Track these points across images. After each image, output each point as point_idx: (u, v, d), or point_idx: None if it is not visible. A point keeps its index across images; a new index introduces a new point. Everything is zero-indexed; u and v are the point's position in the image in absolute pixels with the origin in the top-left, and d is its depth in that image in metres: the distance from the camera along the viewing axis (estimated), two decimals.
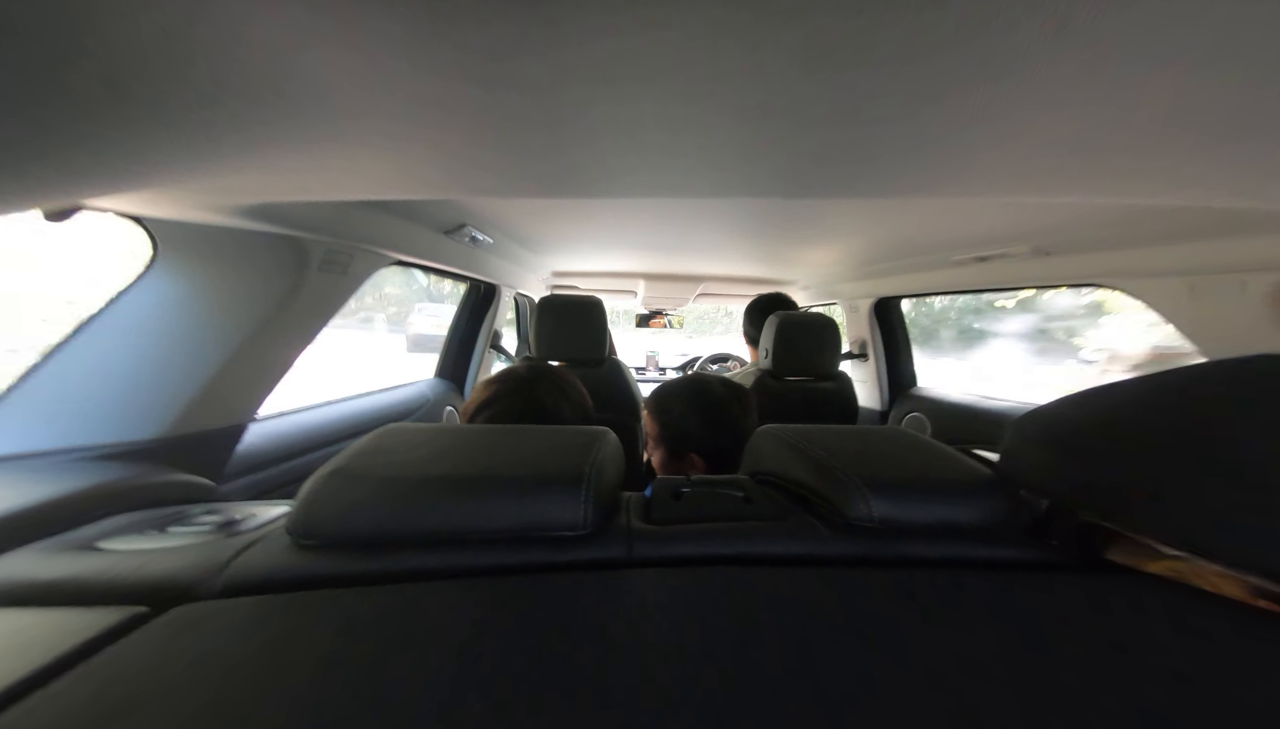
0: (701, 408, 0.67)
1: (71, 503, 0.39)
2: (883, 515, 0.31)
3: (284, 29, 0.20)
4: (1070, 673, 0.20)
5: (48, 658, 0.21)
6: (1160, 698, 0.18)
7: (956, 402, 1.32)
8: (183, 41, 0.20)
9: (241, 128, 0.28)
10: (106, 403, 0.53)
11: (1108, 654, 0.21)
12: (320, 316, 0.72)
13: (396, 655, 0.20)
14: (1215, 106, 0.27)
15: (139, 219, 0.52)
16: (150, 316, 0.56)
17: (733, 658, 0.20)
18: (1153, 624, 0.23)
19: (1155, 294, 0.81)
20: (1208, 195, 0.41)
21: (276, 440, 0.73)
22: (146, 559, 0.29)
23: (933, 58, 0.23)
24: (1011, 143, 0.33)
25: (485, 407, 0.54)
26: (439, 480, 0.31)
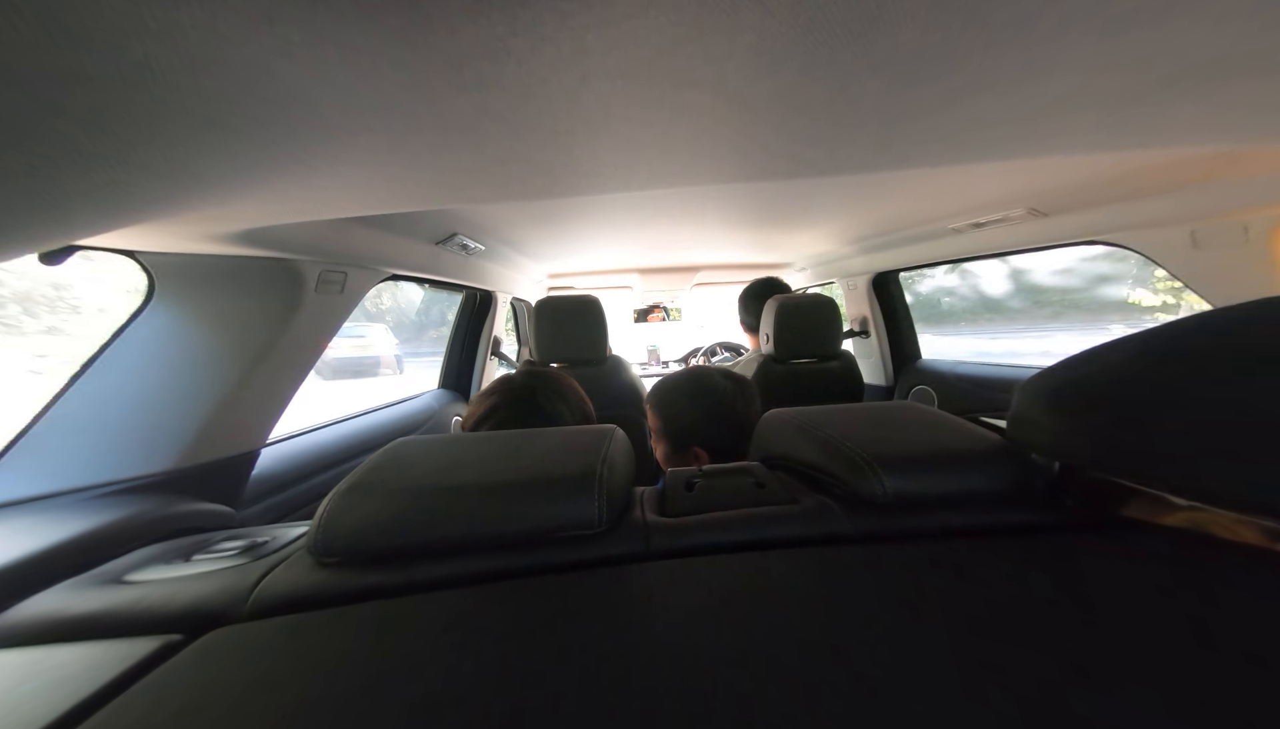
0: (704, 401, 0.66)
1: (97, 538, 0.40)
2: (896, 490, 0.31)
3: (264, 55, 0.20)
4: (1092, 630, 0.20)
5: (89, 690, 0.22)
6: (1185, 649, 0.19)
7: (961, 372, 1.32)
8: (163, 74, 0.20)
9: (231, 155, 0.28)
10: (120, 438, 0.53)
11: (1129, 609, 0.21)
12: (322, 337, 0.73)
13: (428, 664, 0.21)
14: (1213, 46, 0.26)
15: (133, 254, 0.52)
16: (154, 350, 0.56)
17: (757, 642, 0.21)
18: (1171, 576, 0.23)
19: (1157, 246, 0.80)
20: (1207, 137, 0.40)
21: (290, 462, 0.74)
22: (176, 588, 0.30)
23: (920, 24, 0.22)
24: (1005, 103, 0.32)
25: (487, 417, 0.55)
26: (453, 489, 0.31)
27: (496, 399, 0.56)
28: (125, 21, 0.16)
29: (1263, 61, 0.27)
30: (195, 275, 0.57)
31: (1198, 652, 0.18)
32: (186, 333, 0.58)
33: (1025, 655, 0.19)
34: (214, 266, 0.57)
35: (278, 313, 0.63)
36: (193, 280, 0.57)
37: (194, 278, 0.57)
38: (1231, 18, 0.24)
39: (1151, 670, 0.18)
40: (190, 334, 0.58)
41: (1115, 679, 0.17)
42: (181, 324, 0.58)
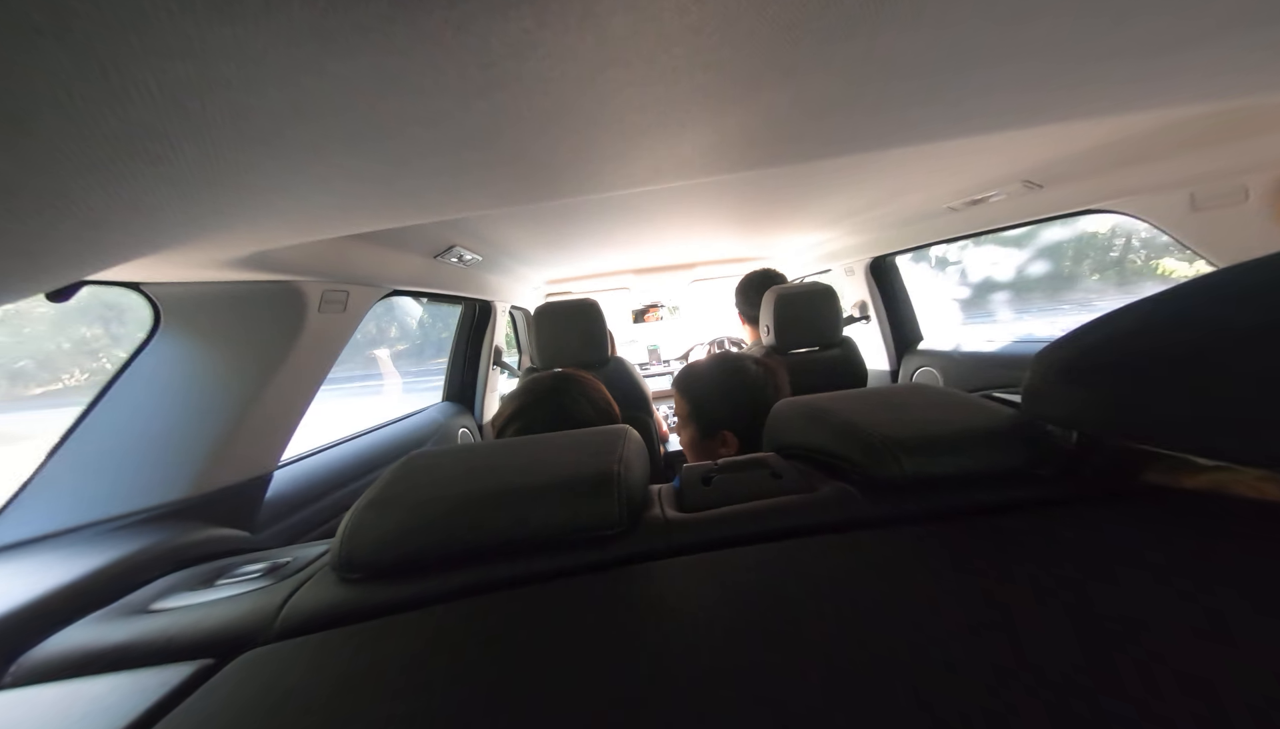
0: (735, 387, 0.66)
1: (117, 570, 0.40)
2: (914, 471, 0.31)
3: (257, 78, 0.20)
4: (1120, 601, 0.20)
5: (127, 719, 0.22)
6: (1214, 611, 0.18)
7: (966, 351, 1.32)
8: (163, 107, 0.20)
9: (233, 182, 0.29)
10: (133, 470, 0.54)
11: (1155, 578, 0.21)
12: (327, 356, 0.73)
13: (459, 672, 0.21)
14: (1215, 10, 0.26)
15: (138, 286, 0.53)
16: (162, 380, 0.57)
17: (784, 629, 0.21)
18: (1197, 541, 0.23)
19: (1156, 210, 0.79)
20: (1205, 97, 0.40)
21: (303, 483, 0.74)
22: (203, 614, 0.30)
23: None
24: (998, 71, 0.32)
25: (515, 418, 0.55)
26: (472, 498, 0.31)
27: (524, 400, 0.57)
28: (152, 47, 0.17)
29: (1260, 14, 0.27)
30: (200, 303, 0.57)
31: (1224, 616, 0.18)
32: (194, 361, 0.58)
33: (1055, 631, 0.19)
34: (218, 293, 0.57)
35: (283, 335, 0.64)
36: (198, 308, 0.58)
37: (199, 306, 0.57)
38: None
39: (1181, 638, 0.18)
40: (198, 362, 0.58)
41: (1146, 650, 0.17)
42: (189, 353, 0.58)
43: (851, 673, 0.18)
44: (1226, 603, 0.19)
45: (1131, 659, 0.17)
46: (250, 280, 0.57)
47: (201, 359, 0.59)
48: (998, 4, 0.24)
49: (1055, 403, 0.32)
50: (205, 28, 0.16)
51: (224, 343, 0.60)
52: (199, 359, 0.58)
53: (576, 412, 0.57)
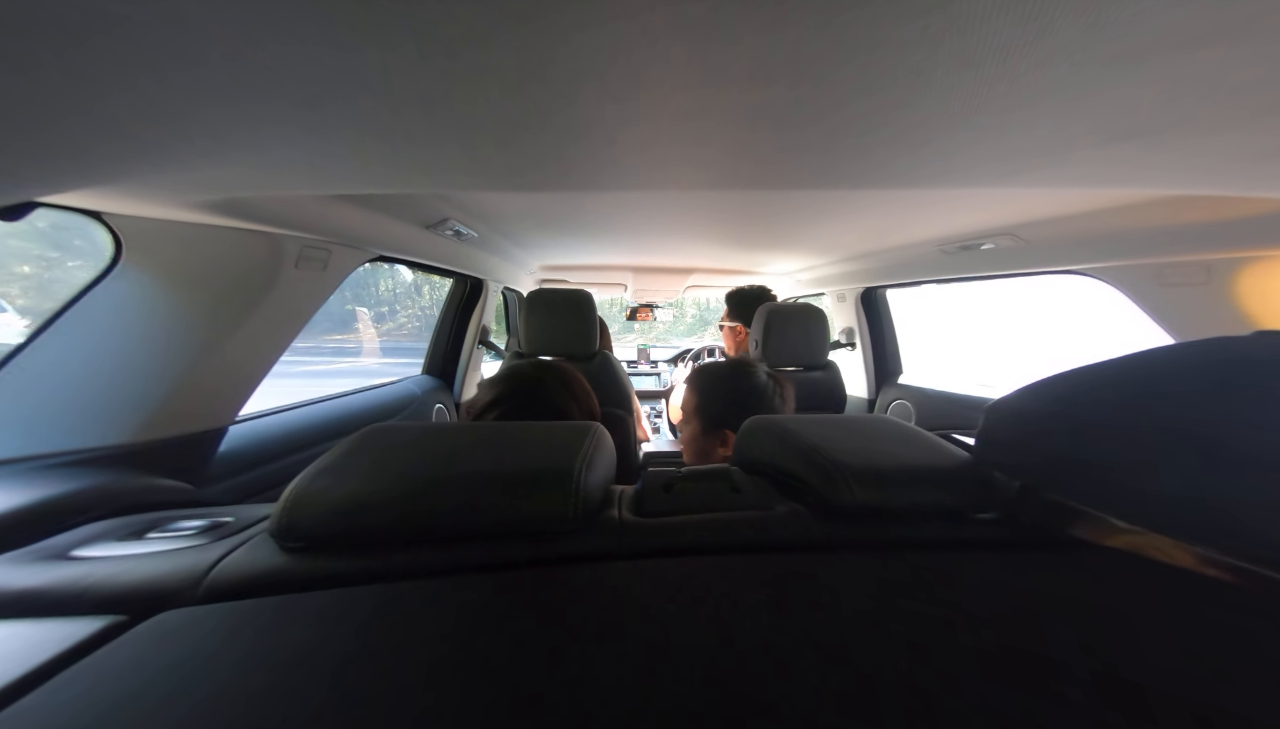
0: (744, 389, 0.71)
1: (41, 511, 0.38)
2: (865, 501, 0.32)
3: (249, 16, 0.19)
4: (1039, 643, 0.21)
5: (23, 670, 0.20)
6: (1120, 662, 0.20)
7: (939, 390, 1.36)
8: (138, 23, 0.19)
9: (210, 118, 0.27)
10: (74, 407, 0.51)
11: (1070, 625, 0.22)
12: (300, 315, 0.70)
13: (385, 654, 0.20)
14: (1173, 108, 0.27)
15: (99, 215, 0.50)
16: (117, 317, 0.54)
17: (720, 644, 0.21)
18: (1112, 595, 0.24)
19: (1127, 281, 0.84)
20: (1171, 182, 0.42)
21: (259, 442, 0.71)
22: (124, 566, 0.29)
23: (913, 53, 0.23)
24: (995, 136, 0.34)
25: (494, 406, 0.54)
26: (425, 479, 0.31)
27: (504, 388, 0.55)
28: None
29: (1219, 120, 0.29)
30: (166, 242, 0.54)
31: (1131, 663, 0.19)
32: (154, 301, 0.55)
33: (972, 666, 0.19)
34: (187, 234, 0.55)
35: (254, 287, 0.61)
36: (163, 247, 0.55)
37: (165, 244, 0.54)
38: (1184, 86, 0.25)
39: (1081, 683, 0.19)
40: (158, 303, 0.55)
41: (1052, 692, 0.18)
42: (149, 292, 0.55)
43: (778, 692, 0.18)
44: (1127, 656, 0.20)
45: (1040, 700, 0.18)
46: (224, 226, 0.54)
47: (161, 299, 0.56)
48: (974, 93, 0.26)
49: (1001, 452, 0.33)
50: None
51: (188, 285, 0.57)
52: (159, 299, 0.55)
53: (558, 404, 0.56)
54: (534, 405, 0.55)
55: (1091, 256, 0.86)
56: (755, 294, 1.34)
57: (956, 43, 0.22)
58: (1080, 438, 0.28)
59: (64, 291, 0.52)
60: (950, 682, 0.19)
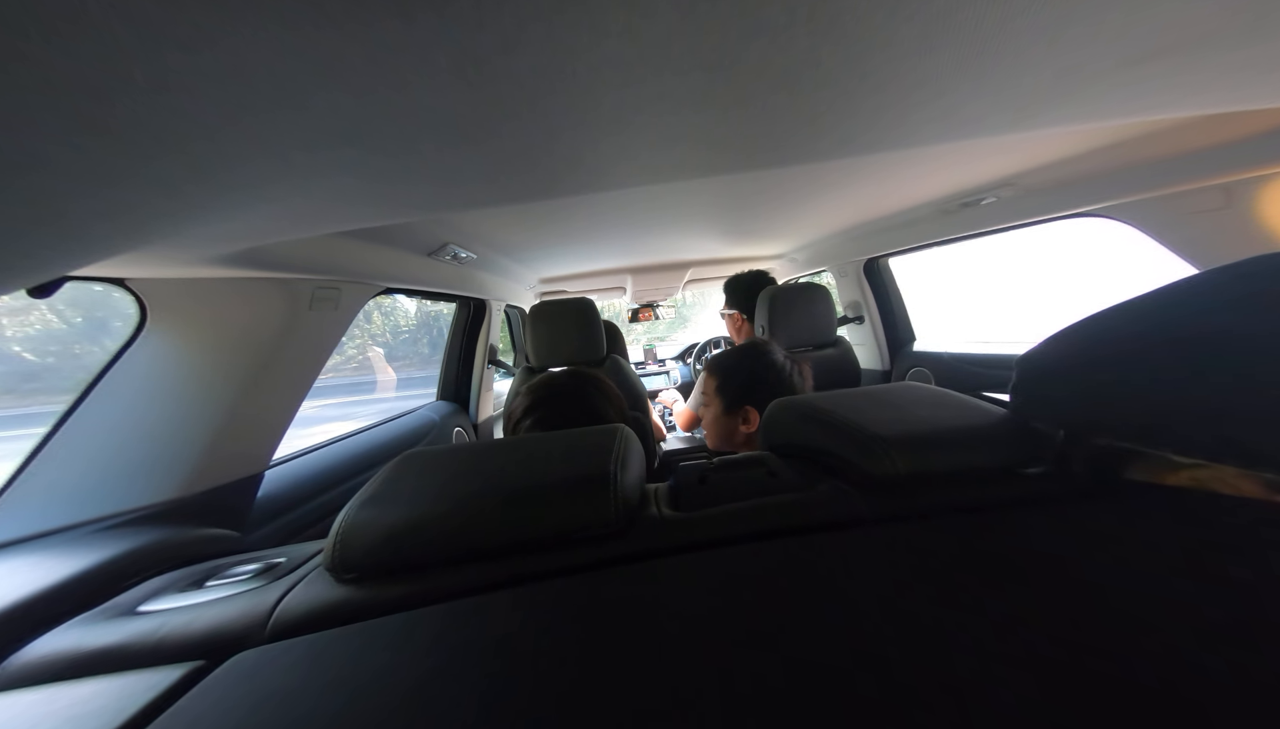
0: (763, 368, 0.73)
1: (103, 572, 0.39)
2: (908, 469, 0.31)
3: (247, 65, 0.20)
4: (1107, 595, 0.20)
5: (117, 722, 0.21)
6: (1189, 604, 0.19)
7: (957, 353, 1.33)
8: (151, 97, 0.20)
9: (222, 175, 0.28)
10: (119, 470, 0.53)
11: (1137, 572, 0.21)
12: (319, 355, 0.72)
13: (453, 673, 0.21)
14: (1204, 13, 0.26)
15: (123, 282, 0.52)
16: (149, 378, 0.56)
17: (779, 628, 0.21)
18: (1178, 535, 0.23)
19: (1142, 216, 0.81)
20: (1183, 105, 0.41)
21: (296, 483, 0.73)
22: (193, 615, 0.30)
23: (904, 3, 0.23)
24: (995, 78, 0.33)
25: (531, 411, 0.56)
26: (468, 497, 0.31)
27: (544, 393, 0.57)
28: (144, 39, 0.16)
29: (1234, 32, 0.28)
30: (187, 299, 0.56)
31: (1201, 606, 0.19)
32: (182, 358, 0.57)
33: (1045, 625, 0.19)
34: (206, 289, 0.56)
35: (273, 333, 0.63)
36: (185, 305, 0.56)
37: (186, 302, 0.56)
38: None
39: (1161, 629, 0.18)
40: (185, 359, 0.57)
41: (1129, 642, 0.18)
42: (176, 350, 0.57)
43: (847, 671, 0.18)
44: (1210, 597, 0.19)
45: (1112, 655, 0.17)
46: (239, 277, 0.56)
47: (189, 356, 0.57)
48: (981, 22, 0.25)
49: (1040, 403, 0.32)
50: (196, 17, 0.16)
51: (212, 340, 0.58)
52: (187, 356, 0.57)
53: (596, 409, 0.58)
54: (575, 411, 0.57)
55: (1099, 196, 0.83)
56: (751, 279, 1.33)
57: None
58: (1124, 374, 0.27)
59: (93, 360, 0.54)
60: (1018, 643, 0.18)
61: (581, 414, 0.56)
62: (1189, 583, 0.20)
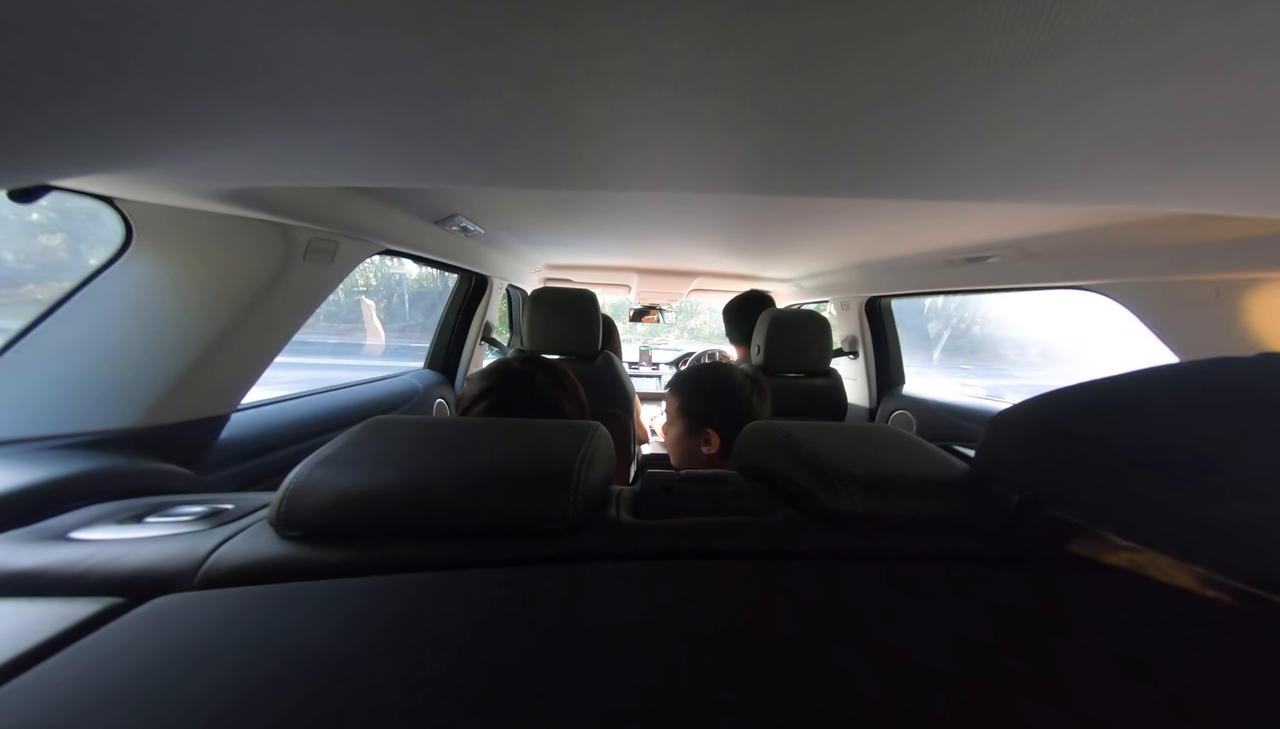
0: (723, 391, 0.74)
1: (41, 492, 0.38)
2: (865, 510, 0.32)
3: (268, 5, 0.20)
4: (1032, 662, 0.21)
5: (20, 649, 0.21)
6: (1114, 684, 0.19)
7: (940, 401, 1.35)
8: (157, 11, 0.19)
9: (225, 108, 0.27)
10: (77, 390, 0.51)
11: (1066, 643, 0.22)
12: (306, 305, 0.71)
13: (377, 647, 0.20)
14: (1190, 126, 0.27)
15: (111, 201, 0.50)
16: (125, 302, 0.54)
17: (714, 649, 0.21)
18: (1109, 614, 0.24)
19: (1135, 298, 0.83)
20: (1178, 202, 0.42)
21: (261, 431, 0.71)
22: (123, 550, 0.29)
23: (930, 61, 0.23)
24: (1008, 150, 0.34)
25: (482, 398, 0.54)
26: (427, 472, 0.31)
27: (494, 380, 0.55)
28: None
29: (1244, 139, 0.29)
30: (176, 229, 0.55)
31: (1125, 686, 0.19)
32: (162, 288, 0.56)
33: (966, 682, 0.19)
34: (197, 222, 0.55)
35: (262, 276, 0.62)
36: (173, 233, 0.55)
37: (175, 232, 0.55)
38: (1208, 104, 0.25)
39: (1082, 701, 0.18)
40: (166, 290, 0.56)
41: (1048, 710, 0.18)
42: (157, 278, 0.55)
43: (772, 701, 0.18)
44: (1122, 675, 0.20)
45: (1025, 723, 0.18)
46: (235, 215, 0.55)
47: (170, 287, 0.56)
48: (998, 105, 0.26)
49: (1002, 464, 0.33)
50: None
51: (197, 274, 0.57)
52: (167, 286, 0.56)
53: (550, 400, 0.57)
54: (524, 398, 0.55)
55: (1099, 273, 0.85)
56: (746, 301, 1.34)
57: (981, 47, 0.22)
58: (1080, 452, 0.28)
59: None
60: (942, 696, 0.19)
61: (533, 403, 0.55)
62: (1110, 664, 0.20)
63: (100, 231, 0.53)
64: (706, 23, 0.21)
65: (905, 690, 0.19)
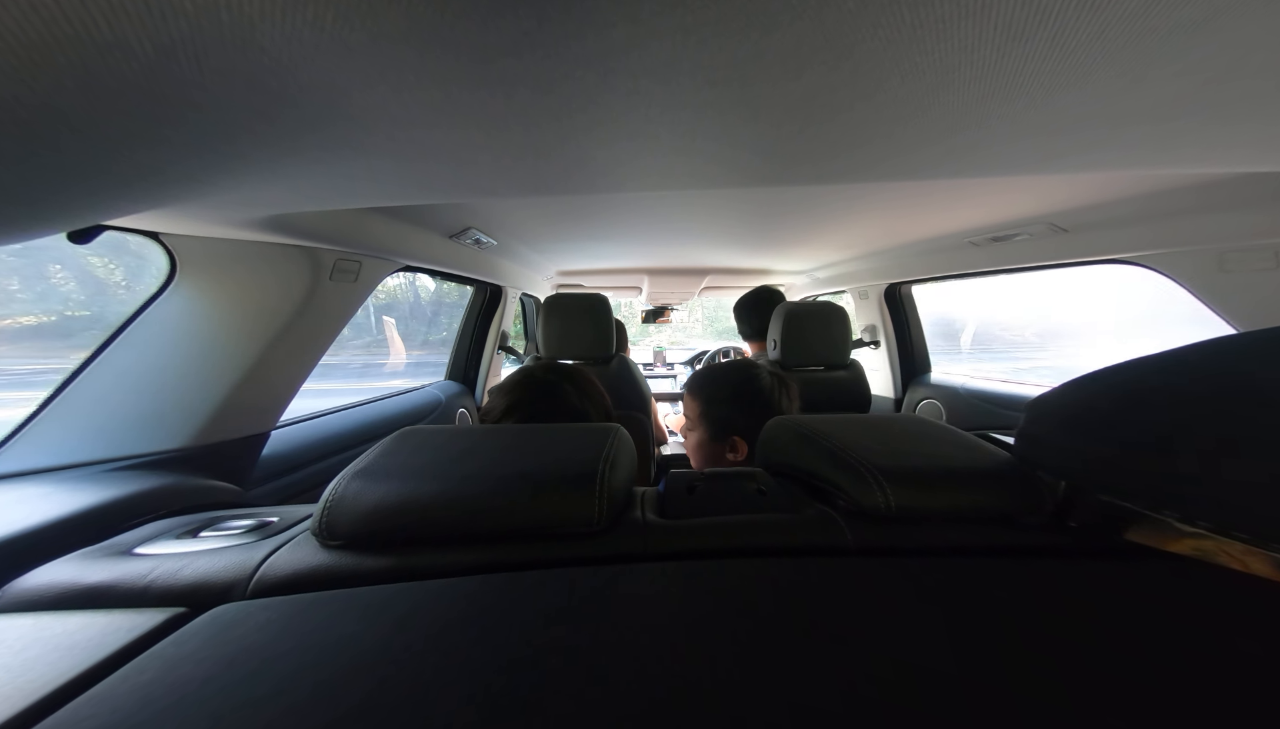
0: (749, 394, 0.67)
1: (108, 511, 0.41)
2: (900, 504, 0.31)
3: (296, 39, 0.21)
4: (1093, 662, 0.19)
5: (96, 658, 0.22)
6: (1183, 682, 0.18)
7: (971, 388, 1.30)
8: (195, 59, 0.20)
9: (260, 141, 0.29)
10: (135, 415, 0.55)
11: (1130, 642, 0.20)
12: (334, 324, 0.74)
13: (419, 648, 0.21)
14: (1251, 66, 0.25)
15: (157, 236, 0.54)
16: (173, 330, 0.58)
17: (746, 649, 0.20)
18: (1177, 608, 0.22)
19: (1183, 267, 0.78)
20: (1240, 159, 0.39)
21: (299, 446, 0.75)
22: (183, 563, 0.30)
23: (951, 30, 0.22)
24: (1034, 118, 0.32)
25: (512, 410, 0.55)
26: (457, 479, 0.31)
27: (522, 393, 0.56)
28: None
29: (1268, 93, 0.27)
30: (216, 258, 0.58)
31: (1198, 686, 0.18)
32: (205, 315, 0.59)
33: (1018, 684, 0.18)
34: (234, 251, 0.58)
35: (293, 299, 0.65)
36: (213, 263, 0.59)
37: (214, 261, 0.58)
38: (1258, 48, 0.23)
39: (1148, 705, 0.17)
40: (209, 316, 0.59)
41: (1110, 712, 0.17)
42: (201, 306, 0.59)
43: (810, 697, 0.18)
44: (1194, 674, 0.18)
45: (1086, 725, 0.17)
46: (267, 242, 0.58)
47: (212, 313, 0.59)
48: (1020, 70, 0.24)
49: (1046, 451, 0.31)
50: None
51: (236, 300, 0.60)
52: (210, 313, 0.59)
53: (578, 407, 0.57)
54: (552, 408, 0.55)
55: (1141, 244, 0.80)
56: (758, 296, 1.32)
57: (1005, 13, 0.21)
58: (1133, 433, 0.26)
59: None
60: (989, 699, 0.18)
61: (560, 413, 0.55)
62: (1179, 657, 0.19)
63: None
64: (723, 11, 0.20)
65: (946, 695, 0.18)
